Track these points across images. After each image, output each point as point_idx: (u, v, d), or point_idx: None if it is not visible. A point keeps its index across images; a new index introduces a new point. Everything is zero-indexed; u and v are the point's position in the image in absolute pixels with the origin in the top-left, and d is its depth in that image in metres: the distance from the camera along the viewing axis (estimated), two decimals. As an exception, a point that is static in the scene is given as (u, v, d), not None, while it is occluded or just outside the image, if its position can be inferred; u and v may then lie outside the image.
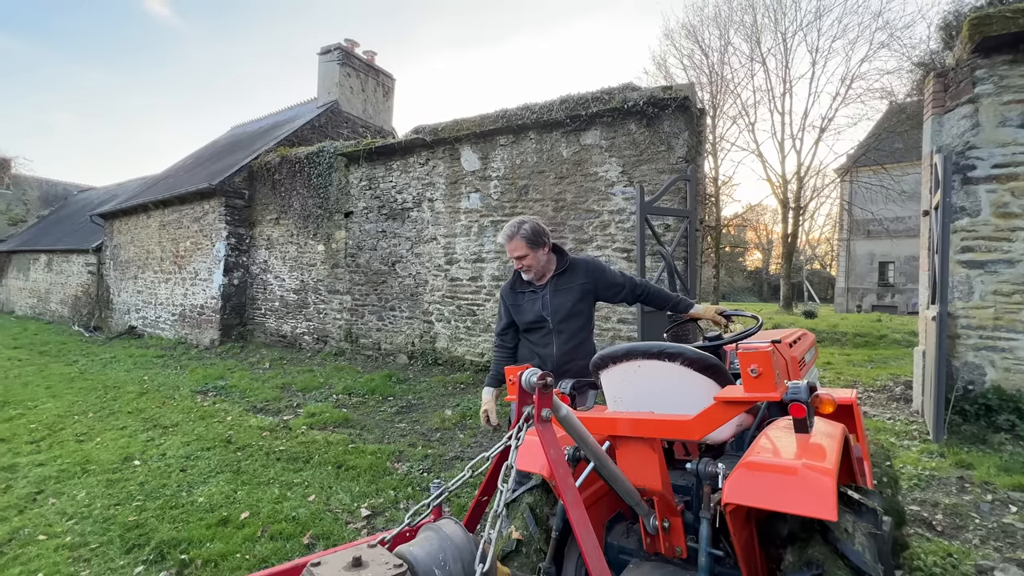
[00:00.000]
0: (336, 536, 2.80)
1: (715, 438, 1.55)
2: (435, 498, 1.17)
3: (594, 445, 1.31)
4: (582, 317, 2.39)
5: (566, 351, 2.34)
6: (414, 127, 7.99)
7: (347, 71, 13.04)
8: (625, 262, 6.05)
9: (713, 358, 1.50)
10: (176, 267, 11.29)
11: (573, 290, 2.36)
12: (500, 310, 2.52)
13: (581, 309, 2.37)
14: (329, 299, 9.16)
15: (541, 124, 6.62)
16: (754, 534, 1.36)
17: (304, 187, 9.44)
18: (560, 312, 2.34)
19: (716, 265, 20.08)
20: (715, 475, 1.32)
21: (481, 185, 7.23)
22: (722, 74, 20.21)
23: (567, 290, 2.37)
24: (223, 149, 13.82)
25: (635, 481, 1.41)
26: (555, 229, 6.56)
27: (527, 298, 2.41)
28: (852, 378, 7.00)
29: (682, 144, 5.75)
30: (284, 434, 4.65)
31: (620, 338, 6.04)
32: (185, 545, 2.71)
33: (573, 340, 2.35)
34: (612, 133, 6.17)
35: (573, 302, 2.35)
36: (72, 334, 12.39)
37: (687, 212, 5.61)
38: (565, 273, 2.38)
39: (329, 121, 12.46)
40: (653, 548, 1.50)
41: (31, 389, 6.43)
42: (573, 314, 2.35)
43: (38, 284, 17.21)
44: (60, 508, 3.18)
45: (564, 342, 2.35)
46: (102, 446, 4.32)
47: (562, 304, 2.35)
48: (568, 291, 2.36)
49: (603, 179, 6.22)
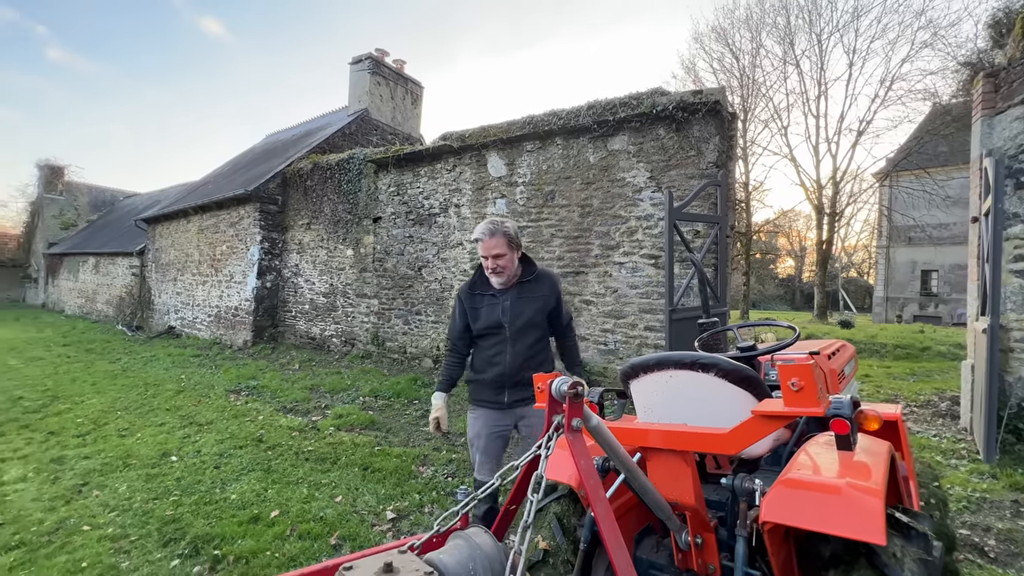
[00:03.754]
0: (362, 538, 2.83)
1: (751, 453, 1.49)
2: (463, 506, 1.16)
3: (625, 456, 1.29)
4: (539, 329, 2.33)
5: (520, 362, 2.27)
6: (441, 134, 8.09)
7: (377, 80, 13.34)
8: (653, 268, 5.96)
9: (749, 370, 1.45)
10: (213, 270, 11.72)
11: (535, 300, 2.30)
12: (456, 311, 2.42)
13: (539, 321, 2.31)
14: (357, 303, 9.33)
15: (568, 130, 6.61)
16: (793, 554, 1.31)
17: (334, 193, 9.67)
18: (519, 320, 2.27)
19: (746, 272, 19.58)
20: (752, 491, 1.27)
21: (507, 191, 7.26)
22: (753, 77, 19.78)
23: (530, 299, 2.30)
24: (258, 156, 14.31)
25: (667, 495, 1.37)
26: (581, 235, 6.52)
27: (486, 302, 2.33)
28: (893, 392, 6.68)
29: (712, 149, 5.64)
30: (312, 435, 4.74)
31: (647, 346, 5.94)
32: (218, 541, 2.78)
33: (529, 351, 2.28)
34: (640, 138, 6.11)
35: (534, 312, 2.29)
36: (116, 333, 12.99)
37: (717, 218, 5.48)
38: (531, 282, 2.32)
39: (359, 129, 12.75)
40: (685, 564, 1.46)
41: (78, 385, 6.76)
42: (532, 324, 2.29)
43: (86, 285, 18.14)
44: (103, 500, 3.32)
45: (519, 352, 2.27)
46: (142, 441, 4.50)
47: (522, 312, 2.28)
48: (531, 300, 2.30)
49: (630, 185, 6.16)
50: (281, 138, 15.40)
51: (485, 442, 2.34)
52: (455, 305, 2.43)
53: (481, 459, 2.37)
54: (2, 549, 2.67)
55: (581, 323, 6.48)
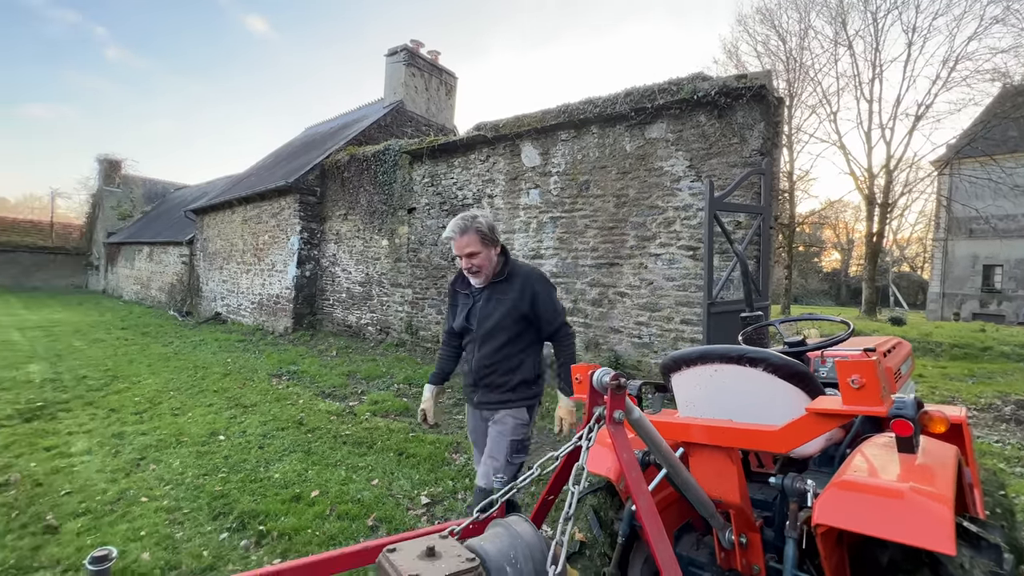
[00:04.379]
0: (398, 521, 2.90)
1: (801, 452, 1.43)
2: (503, 494, 1.16)
3: (667, 451, 1.25)
4: (506, 333, 2.12)
5: (484, 365, 2.14)
6: (476, 124, 8.09)
7: (412, 71, 13.43)
8: (691, 260, 5.79)
9: (801, 365, 1.38)
10: (256, 259, 12.19)
11: (503, 303, 2.12)
12: (447, 306, 2.38)
13: (507, 325, 2.11)
14: (391, 292, 9.51)
15: (604, 118, 6.47)
16: (845, 559, 1.24)
17: (370, 184, 9.85)
18: (485, 324, 2.12)
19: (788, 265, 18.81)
20: (803, 492, 1.22)
21: (541, 181, 7.20)
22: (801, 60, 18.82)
23: (498, 301, 2.13)
24: (298, 149, 14.72)
25: (710, 492, 1.33)
26: (616, 226, 6.40)
27: (462, 300, 2.25)
28: (949, 394, 6.29)
29: (757, 136, 5.40)
30: (349, 419, 4.88)
31: (683, 340, 5.80)
32: (263, 517, 2.91)
33: (494, 356, 2.13)
34: (679, 126, 5.92)
35: (501, 316, 2.11)
36: (168, 318, 13.75)
37: (760, 208, 5.26)
38: (502, 282, 2.14)
39: (394, 120, 12.91)
40: (728, 564, 1.42)
41: (135, 366, 7.19)
42: (499, 328, 2.11)
43: (141, 272, 19.25)
44: (158, 474, 3.52)
45: (484, 356, 2.14)
46: (193, 421, 4.75)
47: (489, 315, 2.12)
48: (499, 303, 2.12)
49: (668, 174, 5.98)
50: (320, 130, 15.78)
51: (473, 437, 2.35)
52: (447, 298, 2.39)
53: (475, 452, 2.37)
54: (71, 515, 2.89)
55: (615, 315, 6.39)
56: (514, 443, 2.10)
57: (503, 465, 2.09)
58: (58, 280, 24.44)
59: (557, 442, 3.86)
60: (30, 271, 23.77)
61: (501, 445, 2.11)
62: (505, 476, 2.10)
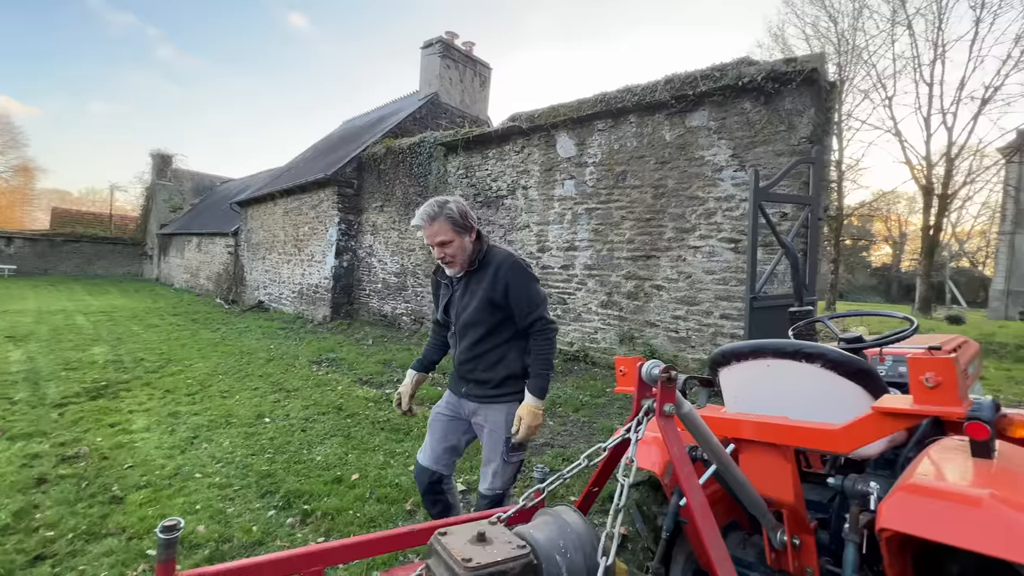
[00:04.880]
0: (435, 506, 2.95)
1: (862, 453, 1.36)
2: (550, 483, 1.15)
3: (718, 447, 1.21)
4: (482, 326, 1.97)
5: (466, 359, 2.02)
6: (510, 115, 8.05)
7: (447, 63, 13.48)
8: (732, 253, 5.60)
9: (863, 362, 1.31)
10: (296, 249, 12.61)
11: (477, 294, 1.97)
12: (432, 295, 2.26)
13: (482, 318, 1.96)
14: (425, 283, 9.64)
15: (643, 107, 6.31)
16: (909, 566, 1.18)
17: (406, 176, 9.99)
18: (463, 316, 2.00)
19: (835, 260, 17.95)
20: (866, 495, 1.16)
21: (576, 172, 7.11)
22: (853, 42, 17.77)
23: (474, 292, 1.98)
24: (336, 142, 15.08)
25: (762, 490, 1.28)
26: (653, 217, 6.26)
27: (443, 290, 2.12)
28: (1016, 398, 5.87)
29: (806, 123, 5.15)
30: (386, 406, 5.00)
31: (722, 335, 5.64)
32: (307, 497, 3.03)
33: (474, 349, 2.00)
34: (723, 113, 5.70)
35: (475, 308, 1.97)
36: (215, 306, 14.43)
37: (809, 199, 5.03)
38: (478, 271, 1.98)
39: (429, 112, 13.02)
40: (778, 565, 1.37)
41: (187, 350, 7.60)
42: (475, 321, 1.97)
43: (191, 262, 20.26)
44: (210, 452, 3.72)
45: (465, 349, 2.02)
46: (240, 403, 4.98)
47: (466, 307, 1.99)
48: (474, 294, 1.98)
49: (710, 163, 5.79)
50: (357, 124, 16.09)
51: (433, 416, 2.16)
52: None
53: (429, 435, 2.14)
54: (134, 487, 3.09)
55: (651, 309, 6.27)
56: (508, 440, 1.96)
57: (500, 466, 1.96)
58: (116, 268, 26.04)
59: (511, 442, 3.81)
60: (92, 260, 25.43)
61: (497, 444, 1.96)
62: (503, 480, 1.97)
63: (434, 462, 2.06)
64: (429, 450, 2.10)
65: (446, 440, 2.09)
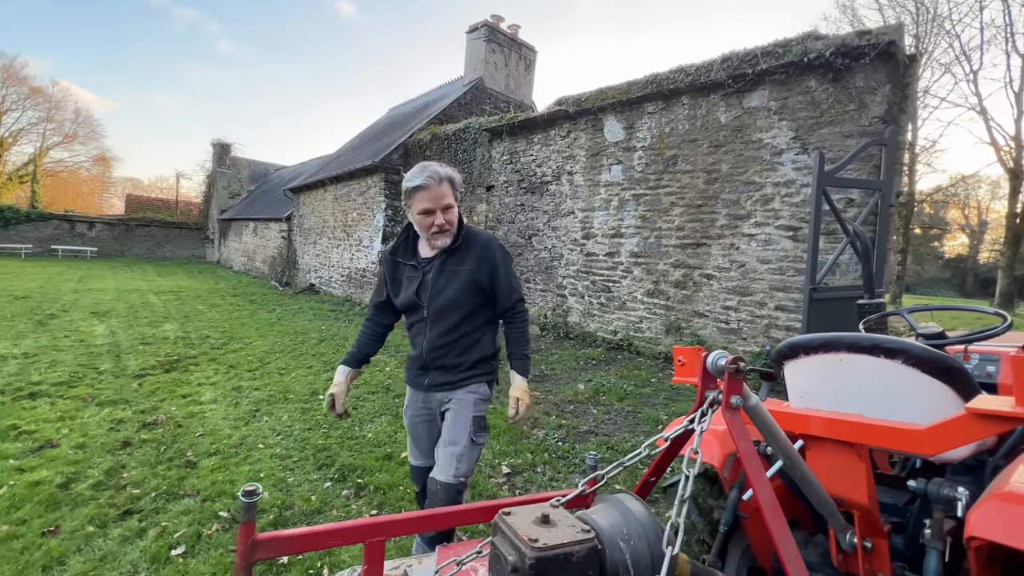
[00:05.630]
0: (481, 487, 3.03)
1: (946, 457, 1.27)
2: (611, 470, 1.15)
3: (786, 442, 1.17)
4: (463, 310, 1.84)
5: (437, 347, 1.85)
6: (557, 99, 7.92)
7: (492, 47, 13.39)
8: (790, 242, 5.32)
9: (953, 359, 1.21)
10: (345, 234, 13.05)
11: (460, 275, 1.82)
12: (379, 277, 2.01)
13: (463, 301, 1.83)
14: (469, 268, 9.77)
15: (696, 87, 6.04)
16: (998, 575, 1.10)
17: (451, 162, 10.07)
18: (439, 299, 1.83)
19: (903, 250, 16.70)
20: (952, 500, 1.08)
21: (624, 156, 6.92)
22: (934, 11, 16.20)
23: (454, 273, 1.82)
24: (383, 129, 15.37)
25: (831, 490, 1.23)
26: (705, 204, 6.03)
27: (407, 273, 1.90)
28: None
29: (880, 101, 4.77)
30: (432, 388, 5.14)
31: (776, 328, 5.40)
32: (360, 471, 3.17)
33: (449, 336, 1.85)
34: (784, 92, 5.37)
35: (457, 290, 1.82)
36: (270, 287, 15.21)
37: (879, 184, 4.67)
38: (458, 250, 1.83)
39: (474, 98, 13.01)
40: (845, 567, 1.31)
41: (246, 329, 8.07)
42: (454, 305, 1.83)
43: (248, 246, 21.40)
44: (271, 425, 3.96)
45: (437, 336, 1.85)
46: (296, 380, 5.25)
47: (443, 290, 1.82)
48: (455, 275, 1.82)
49: (768, 146, 5.49)
50: (402, 111, 16.33)
51: (410, 424, 2.02)
52: (380, 271, 2.01)
53: (411, 443, 2.05)
54: (205, 454, 3.34)
55: (699, 299, 6.08)
56: (477, 420, 1.85)
57: (466, 448, 1.81)
58: (182, 251, 27.92)
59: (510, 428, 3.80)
60: (161, 243, 27.36)
61: (463, 425, 1.83)
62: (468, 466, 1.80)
63: (429, 457, 1.96)
64: (418, 451, 2.02)
65: (431, 439, 1.97)
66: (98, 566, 2.14)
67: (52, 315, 8.20)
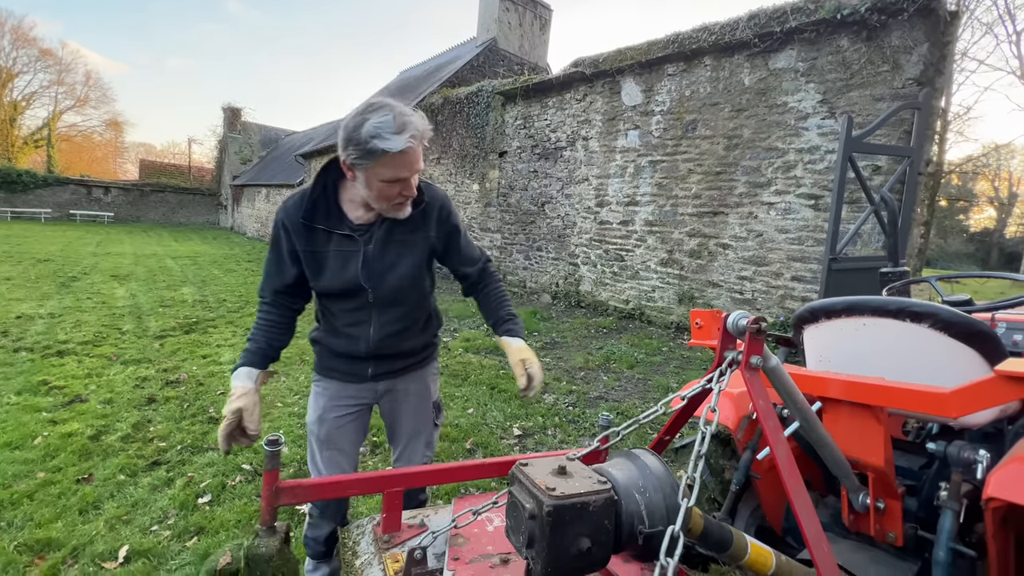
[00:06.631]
0: (493, 447, 3.10)
1: (967, 422, 1.26)
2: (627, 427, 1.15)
3: (803, 403, 1.16)
4: (419, 290, 1.48)
5: (390, 334, 1.46)
6: (573, 60, 7.65)
7: (506, 6, 12.89)
8: (810, 211, 5.18)
9: (982, 324, 1.18)
10: (357, 201, 13.02)
11: (413, 245, 1.42)
12: (277, 252, 1.40)
13: (420, 276, 1.46)
14: (481, 236, 9.71)
15: (720, 47, 5.77)
16: (1011, 541, 1.10)
17: (463, 127, 9.87)
18: (390, 279, 1.40)
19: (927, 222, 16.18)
20: (972, 463, 1.08)
21: (641, 121, 6.72)
22: (979, -35, 15.13)
23: (405, 243, 1.40)
24: (393, 93, 15.06)
25: (848, 452, 1.23)
26: (724, 171, 5.86)
27: (334, 246, 1.36)
28: None
29: (916, 61, 4.52)
30: (444, 353, 5.20)
31: (792, 298, 5.33)
32: (375, 430, 3.25)
33: (403, 321, 1.48)
34: (814, 52, 5.11)
35: (412, 265, 1.42)
36: (284, 253, 15.34)
37: (909, 150, 4.49)
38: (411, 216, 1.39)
39: (487, 60, 12.63)
40: (856, 527, 1.33)
41: (262, 293, 8.21)
42: (410, 284, 1.44)
43: (260, 211, 21.49)
44: (288, 385, 4.06)
45: (391, 322, 1.45)
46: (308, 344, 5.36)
47: (394, 265, 1.39)
48: (407, 246, 1.41)
49: (794, 111, 5.27)
50: (413, 73, 15.94)
51: (328, 429, 1.53)
52: (275, 237, 1.40)
53: (325, 454, 1.54)
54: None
55: (714, 268, 6.00)
56: (436, 404, 1.66)
57: (431, 432, 1.65)
58: (197, 217, 28.17)
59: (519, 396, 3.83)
60: (176, 209, 27.61)
61: (427, 412, 1.63)
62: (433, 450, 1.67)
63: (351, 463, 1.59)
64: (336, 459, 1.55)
65: (358, 438, 1.60)
66: (130, 511, 2.26)
67: (74, 278, 8.40)
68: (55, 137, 33.31)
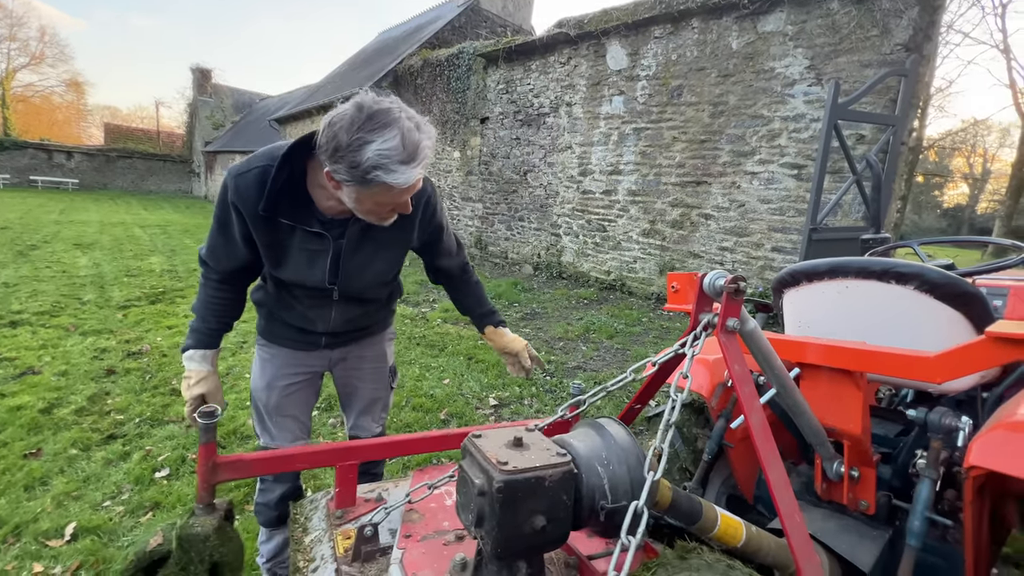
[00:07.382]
0: (468, 417, 3.05)
1: (946, 388, 1.21)
2: (594, 395, 1.08)
3: (781, 369, 1.09)
4: (388, 287, 1.43)
5: (348, 319, 1.39)
6: (557, 20, 7.33)
7: (489, -38, 12.27)
8: (793, 181, 5.13)
9: (968, 284, 1.12)
10: (334, 169, 12.59)
11: (390, 244, 1.29)
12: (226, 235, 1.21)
13: (391, 271, 1.36)
14: (462, 206, 9.50)
15: (708, 8, 5.56)
16: (987, 510, 1.07)
17: (443, 92, 9.49)
18: (362, 278, 1.30)
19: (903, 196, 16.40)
20: (953, 430, 1.03)
21: (626, 87, 6.51)
22: (971, -68, 14.88)
23: (381, 243, 1.27)
24: (372, 55, 14.40)
25: (824, 419, 1.18)
26: (708, 139, 5.74)
27: (299, 241, 1.19)
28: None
29: (906, 25, 4.40)
30: (422, 324, 5.11)
31: (772, 269, 5.33)
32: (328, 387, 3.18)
33: (365, 307, 1.41)
34: (803, 15, 4.95)
35: (387, 262, 1.32)
36: (260, 223, 14.87)
37: (894, 119, 4.43)
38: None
39: (469, 21, 12.09)
40: (828, 495, 1.30)
41: (235, 263, 7.94)
42: (379, 280, 1.34)
43: (235, 180, 20.71)
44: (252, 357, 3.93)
45: (350, 311, 1.38)
46: (284, 314, 5.20)
47: (368, 264, 1.28)
48: (383, 245, 1.28)
49: (780, 76, 5.14)
50: (393, 35, 15.23)
51: (279, 397, 1.43)
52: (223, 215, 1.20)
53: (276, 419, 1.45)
54: (190, 383, 3.32)
55: (696, 239, 5.95)
56: (392, 369, 1.61)
57: (388, 397, 1.61)
58: (168, 185, 27.04)
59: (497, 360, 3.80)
60: (145, 176, 26.43)
61: (384, 376, 1.57)
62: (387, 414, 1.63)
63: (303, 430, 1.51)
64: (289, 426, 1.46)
65: (310, 407, 1.53)
66: (81, 486, 2.15)
67: (33, 246, 7.98)
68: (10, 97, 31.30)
